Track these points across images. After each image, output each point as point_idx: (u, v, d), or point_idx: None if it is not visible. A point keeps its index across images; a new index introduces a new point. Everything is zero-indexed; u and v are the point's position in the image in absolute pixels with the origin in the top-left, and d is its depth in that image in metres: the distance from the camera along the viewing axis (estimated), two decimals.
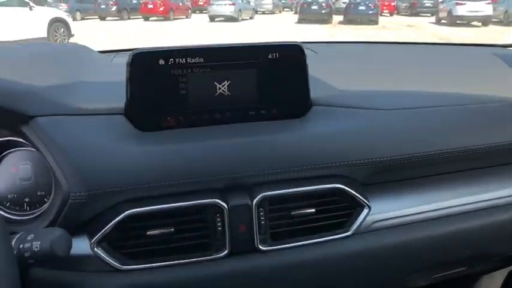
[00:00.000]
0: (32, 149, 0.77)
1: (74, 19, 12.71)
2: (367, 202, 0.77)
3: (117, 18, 16.31)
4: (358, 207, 0.77)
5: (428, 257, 0.83)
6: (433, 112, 0.83)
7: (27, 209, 0.77)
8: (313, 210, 0.74)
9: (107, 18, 16.46)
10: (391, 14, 19.10)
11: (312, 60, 0.77)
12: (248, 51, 0.74)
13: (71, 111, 0.70)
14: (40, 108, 0.68)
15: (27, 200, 0.77)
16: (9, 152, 0.78)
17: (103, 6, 16.29)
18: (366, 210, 0.77)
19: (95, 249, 0.67)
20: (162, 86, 0.71)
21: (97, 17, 16.47)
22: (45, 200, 0.76)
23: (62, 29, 9.47)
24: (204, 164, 0.70)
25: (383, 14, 17.73)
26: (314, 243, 0.75)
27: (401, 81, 0.93)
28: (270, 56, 0.74)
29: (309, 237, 0.75)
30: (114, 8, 16.36)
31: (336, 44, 1.67)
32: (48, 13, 9.57)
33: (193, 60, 0.72)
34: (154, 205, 0.68)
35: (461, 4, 13.91)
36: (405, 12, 19.27)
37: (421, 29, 13.64)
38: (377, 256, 0.78)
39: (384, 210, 0.81)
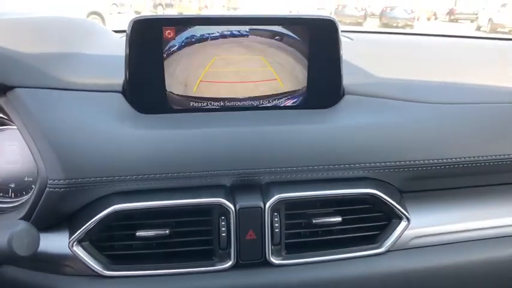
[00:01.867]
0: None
1: (110, 13, 12.95)
2: (406, 213, 0.62)
3: (153, 12, 16.60)
4: (395, 219, 0.63)
5: (475, 283, 0.68)
6: (486, 109, 0.67)
7: (12, 195, 0.67)
8: (340, 219, 0.61)
9: (142, 13, 16.75)
10: (429, 19, 18.47)
11: (347, 47, 0.64)
12: (270, 22, 0.61)
13: (58, 84, 0.59)
14: (21, 78, 0.58)
15: (12, 185, 0.67)
16: None
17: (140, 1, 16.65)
18: (404, 223, 0.63)
19: (74, 248, 0.56)
20: (167, 61, 0.60)
21: (133, 11, 16.78)
22: (32, 186, 0.67)
23: (98, 21, 9.64)
24: (209, 155, 0.58)
25: (419, 19, 17.16)
26: (338, 259, 0.62)
27: (445, 74, 0.77)
28: (296, 31, 0.61)
29: (332, 251, 0.62)
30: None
31: (374, 34, 1.51)
32: (86, 5, 9.77)
33: (205, 32, 0.60)
34: (146, 201, 0.56)
35: (504, 10, 13.23)
36: (443, 19, 18.58)
37: None
38: (414, 280, 0.64)
39: (425, 225, 0.67)
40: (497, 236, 0.69)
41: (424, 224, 0.66)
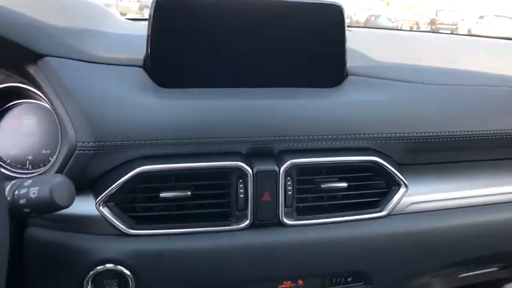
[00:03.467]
0: (38, 101, 0.71)
1: None
2: (404, 180, 0.68)
3: (138, 15, 16.48)
4: (394, 186, 0.69)
5: (466, 247, 0.74)
6: (476, 91, 0.75)
7: (30, 167, 0.70)
8: (345, 185, 0.66)
9: (127, 15, 16.62)
10: (411, 28, 18.90)
11: (347, 36, 0.70)
12: (283, 7, 0.67)
13: (85, 57, 0.63)
14: (52, 48, 0.61)
15: (30, 158, 0.70)
16: (13, 105, 0.71)
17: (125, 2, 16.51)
18: (402, 190, 0.68)
19: (100, 208, 0.59)
20: (188, 38, 0.64)
21: (119, 12, 16.64)
22: (50, 159, 0.69)
23: None
24: (228, 123, 0.62)
25: (402, 29, 17.56)
26: (344, 221, 0.67)
27: (441, 60, 0.84)
28: (305, 15, 0.67)
29: (338, 214, 0.67)
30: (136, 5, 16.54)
31: (370, 29, 1.59)
32: None
33: (223, 14, 0.64)
34: (170, 163, 0.60)
35: (482, 21, 13.68)
36: (425, 28, 19.06)
37: None
38: (412, 241, 0.70)
39: (421, 193, 0.72)
40: (488, 203, 0.76)
41: (421, 192, 0.72)
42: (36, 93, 0.69)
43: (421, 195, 0.72)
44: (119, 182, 0.59)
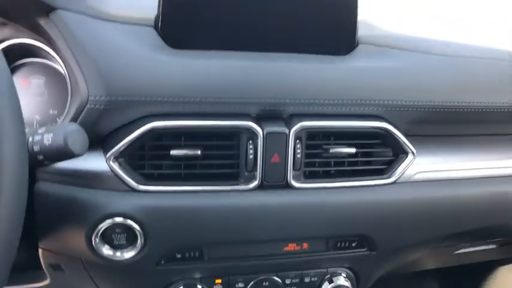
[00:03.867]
0: (47, 60, 0.70)
1: None
2: (412, 148, 0.69)
3: None
4: (401, 153, 0.70)
5: (469, 217, 0.76)
6: (487, 64, 0.75)
7: (37, 127, 0.69)
8: (353, 150, 0.67)
9: None
10: None
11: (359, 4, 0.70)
12: None
13: (97, 14, 0.62)
14: (65, 1, 0.60)
15: (37, 117, 0.70)
16: (21, 64, 0.71)
17: None
18: (410, 157, 0.69)
19: (111, 163, 0.59)
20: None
21: None
22: (57, 119, 0.69)
23: None
24: (240, 84, 0.62)
25: None
26: (351, 186, 0.67)
27: (453, 33, 0.85)
28: None
29: (346, 179, 0.68)
30: None
31: None
32: None
33: None
34: (181, 121, 0.60)
35: None
36: None
37: None
38: (417, 209, 0.71)
39: (427, 162, 0.74)
40: (492, 176, 0.77)
41: (427, 162, 0.73)
42: (45, 51, 0.68)
43: (427, 165, 0.73)
44: (129, 137, 0.59)
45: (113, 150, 0.59)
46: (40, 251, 0.67)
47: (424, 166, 0.73)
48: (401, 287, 1.59)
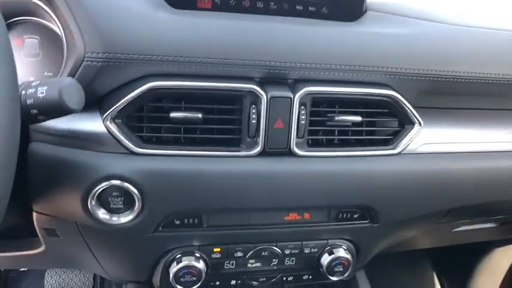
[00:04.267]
0: (41, 19, 0.67)
1: None
2: (419, 118, 0.67)
3: None
4: (408, 124, 0.68)
5: (472, 191, 0.75)
6: (496, 35, 0.73)
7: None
8: (359, 118, 0.65)
9: None
10: None
11: None
12: None
13: None
14: None
15: (32, 79, 0.67)
16: (14, 22, 0.67)
17: None
18: (417, 127, 0.68)
19: (108, 123, 0.57)
20: None
21: None
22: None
23: None
24: (243, 45, 0.60)
25: None
26: (356, 155, 0.66)
27: (464, 4, 0.82)
28: None
29: (350, 148, 0.66)
30: None
31: None
32: None
33: None
34: (182, 81, 0.58)
35: None
36: None
37: None
38: (422, 181, 0.69)
39: (433, 134, 0.72)
40: (497, 151, 0.76)
41: (433, 133, 0.72)
42: (41, 7, 0.65)
43: (433, 137, 0.72)
44: (128, 96, 0.57)
45: (110, 110, 0.57)
46: (34, 214, 0.65)
47: (430, 138, 0.71)
48: (397, 266, 1.61)
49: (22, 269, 1.58)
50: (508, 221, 1.00)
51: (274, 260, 0.72)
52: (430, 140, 0.71)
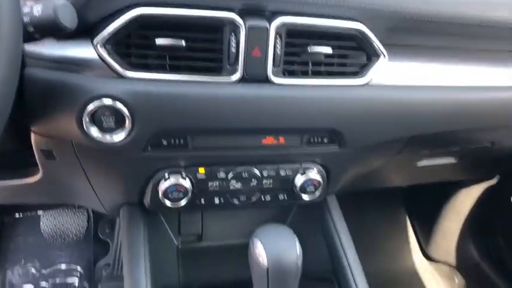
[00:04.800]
0: None
1: None
2: (384, 51, 0.74)
3: None
4: (375, 56, 0.74)
5: (433, 120, 0.83)
6: None
7: None
8: (330, 50, 0.71)
9: None
10: None
11: None
12: None
13: None
14: None
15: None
16: None
17: None
18: (382, 60, 0.74)
19: (98, 48, 0.62)
20: None
21: None
22: None
23: None
24: None
25: None
26: (327, 85, 0.73)
27: None
28: None
29: (322, 78, 0.73)
30: None
31: None
32: None
33: None
34: (167, 10, 0.63)
35: None
36: None
37: None
38: (386, 108, 0.77)
39: (398, 67, 0.79)
40: (454, 86, 0.84)
41: (398, 68, 0.79)
42: None
43: (398, 71, 0.79)
44: (117, 23, 0.61)
45: (101, 35, 0.62)
46: (33, 136, 0.71)
47: (395, 72, 0.78)
48: (371, 209, 1.73)
49: (17, 215, 1.64)
50: (464, 156, 1.09)
51: (253, 181, 0.81)
52: (395, 73, 0.78)
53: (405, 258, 1.72)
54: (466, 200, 1.57)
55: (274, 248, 0.64)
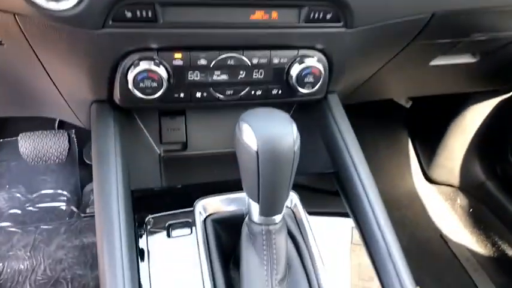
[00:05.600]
0: None
1: None
2: None
3: None
4: None
5: None
6: None
7: None
8: None
9: None
10: None
11: None
12: None
13: None
14: None
15: None
16: None
17: None
18: None
19: None
20: None
21: None
22: None
23: None
24: None
25: None
26: None
27: None
28: None
29: None
30: None
31: None
32: None
33: None
34: None
35: None
36: None
37: None
38: None
39: None
40: None
41: None
42: None
43: None
44: None
45: None
46: None
47: None
48: (374, 134, 1.64)
49: None
50: (485, 53, 0.96)
51: (241, 72, 0.68)
52: None
53: (406, 180, 1.66)
54: (474, 117, 1.46)
55: (266, 129, 0.51)
